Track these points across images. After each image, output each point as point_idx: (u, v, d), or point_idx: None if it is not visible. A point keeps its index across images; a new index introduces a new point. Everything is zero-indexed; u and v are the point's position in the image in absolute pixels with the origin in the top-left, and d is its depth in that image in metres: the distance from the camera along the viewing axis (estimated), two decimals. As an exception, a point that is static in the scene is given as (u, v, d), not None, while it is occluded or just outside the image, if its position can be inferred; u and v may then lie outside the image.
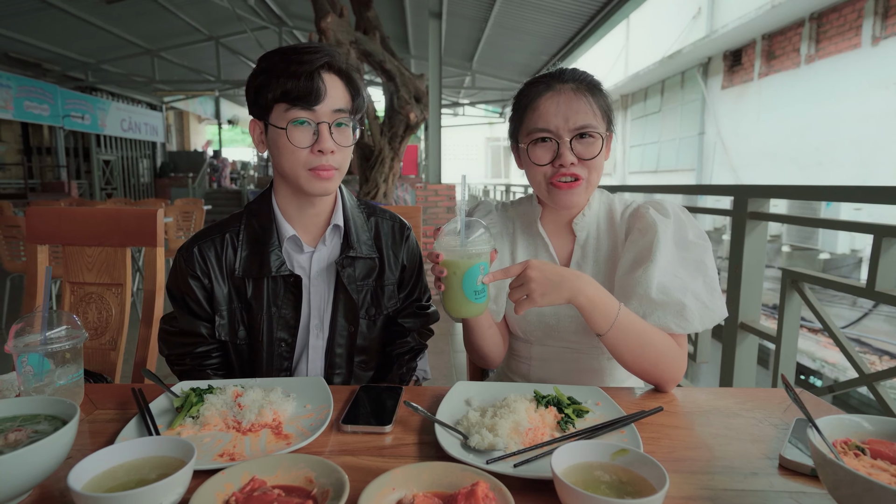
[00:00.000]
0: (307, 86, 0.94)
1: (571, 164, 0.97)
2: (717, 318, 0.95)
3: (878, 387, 1.70)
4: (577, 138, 0.97)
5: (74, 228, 1.39)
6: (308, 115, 0.95)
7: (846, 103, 8.73)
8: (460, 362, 3.67)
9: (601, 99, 1.00)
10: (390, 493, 0.60)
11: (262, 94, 0.96)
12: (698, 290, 0.94)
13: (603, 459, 0.63)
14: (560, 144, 0.97)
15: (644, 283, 0.94)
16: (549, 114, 0.97)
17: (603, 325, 0.88)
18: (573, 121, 0.96)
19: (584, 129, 0.96)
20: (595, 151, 0.97)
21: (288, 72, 0.94)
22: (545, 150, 0.99)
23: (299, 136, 0.96)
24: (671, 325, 0.93)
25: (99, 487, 0.58)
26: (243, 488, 0.60)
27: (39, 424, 0.67)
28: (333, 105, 0.97)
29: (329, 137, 0.97)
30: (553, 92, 0.98)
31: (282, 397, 0.84)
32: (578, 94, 0.97)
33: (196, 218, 6.03)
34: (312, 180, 0.98)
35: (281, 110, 0.96)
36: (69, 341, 0.85)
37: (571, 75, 1.00)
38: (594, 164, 0.98)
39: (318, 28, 5.28)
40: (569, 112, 0.96)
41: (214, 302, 1.05)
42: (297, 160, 0.97)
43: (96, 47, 10.34)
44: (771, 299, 6.52)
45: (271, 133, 0.98)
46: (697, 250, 0.98)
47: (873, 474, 0.57)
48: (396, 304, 1.16)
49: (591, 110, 0.97)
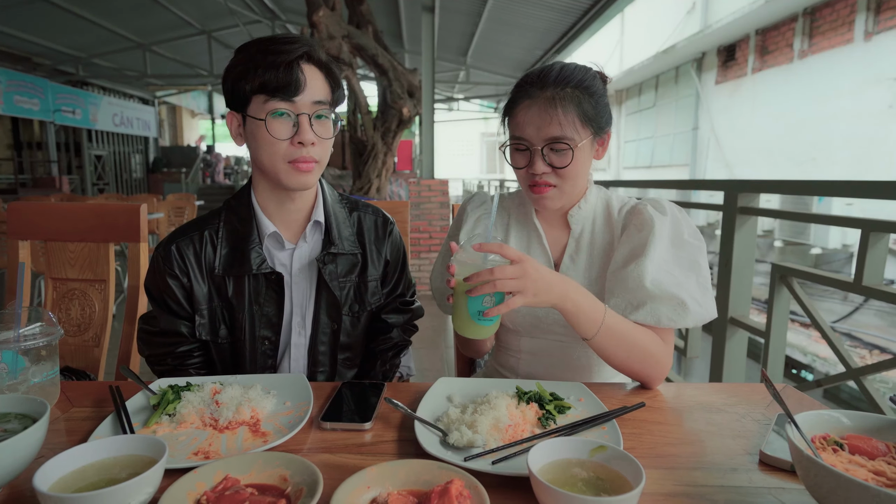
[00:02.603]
0: (286, 76, 0.92)
1: (543, 173, 0.97)
2: (706, 318, 0.95)
3: (865, 381, 1.71)
4: (549, 148, 0.96)
5: (57, 224, 1.37)
6: (288, 107, 0.94)
7: (839, 99, 8.76)
8: (451, 358, 3.67)
9: (587, 102, 0.96)
10: (365, 492, 0.59)
11: (239, 86, 0.95)
12: (691, 288, 0.94)
13: (581, 456, 0.62)
14: (533, 153, 0.98)
15: (636, 277, 0.93)
16: (522, 123, 0.98)
17: (589, 329, 0.88)
18: (544, 132, 0.95)
19: (553, 142, 0.96)
20: (566, 162, 0.96)
21: (266, 62, 0.92)
22: (521, 157, 1.00)
23: (279, 127, 0.94)
24: (662, 318, 0.92)
25: (68, 487, 0.57)
26: (215, 487, 0.59)
27: (9, 423, 0.66)
28: (313, 97, 0.96)
29: (309, 129, 0.95)
30: (529, 100, 0.97)
31: (261, 394, 0.83)
32: (554, 104, 0.95)
33: (188, 214, 5.99)
34: (292, 173, 0.97)
35: (259, 102, 0.94)
36: (44, 338, 0.83)
37: (555, 79, 0.97)
38: (566, 172, 0.97)
39: (310, 22, 5.25)
40: (540, 123, 0.95)
41: (194, 301, 1.03)
42: (277, 152, 0.95)
43: (87, 41, 10.23)
44: (763, 294, 6.55)
45: (249, 125, 0.96)
46: (692, 250, 0.97)
47: (851, 470, 0.57)
48: (380, 299, 1.14)
49: (565, 120, 0.94)
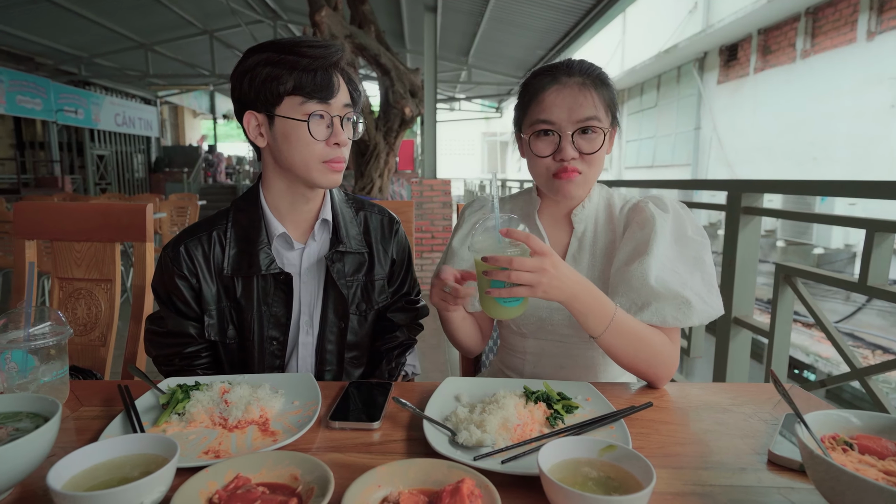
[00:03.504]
0: (325, 79, 0.96)
1: (572, 158, 0.97)
2: (713, 315, 0.94)
3: (870, 381, 1.71)
4: (579, 133, 0.97)
5: (63, 223, 1.37)
6: (324, 109, 0.97)
7: (841, 98, 8.74)
8: (454, 357, 3.67)
9: (607, 93, 0.99)
10: (376, 491, 0.59)
11: (270, 87, 0.95)
12: (696, 286, 0.93)
13: (591, 456, 0.63)
14: (562, 138, 0.97)
15: (640, 276, 0.93)
16: (553, 106, 0.97)
17: (597, 328, 0.87)
18: (577, 114, 0.96)
19: (587, 124, 0.96)
20: (596, 146, 0.97)
21: (302, 65, 0.95)
22: (547, 143, 0.99)
23: (320, 128, 0.97)
24: (668, 317, 0.92)
25: (80, 486, 0.57)
26: (227, 486, 0.59)
27: (21, 422, 0.66)
28: (344, 100, 1.00)
29: (342, 131, 0.99)
30: (559, 85, 0.97)
31: (269, 394, 0.84)
32: (584, 89, 0.97)
33: (191, 213, 6.00)
34: (326, 172, 1.00)
35: (295, 103, 0.96)
36: (53, 338, 0.84)
37: (579, 68, 0.99)
38: (594, 158, 0.98)
39: (312, 22, 5.24)
40: (573, 105, 0.96)
41: (203, 301, 1.04)
42: (313, 153, 0.98)
43: (89, 41, 10.24)
44: (765, 294, 6.54)
45: (281, 126, 0.97)
46: (695, 246, 0.97)
47: (861, 470, 0.57)
48: (386, 298, 1.15)
49: (595, 104, 0.96)
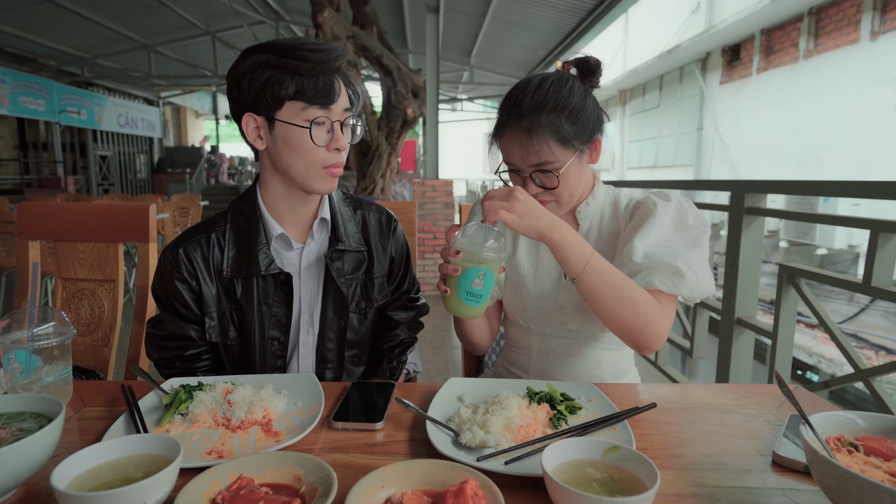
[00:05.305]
0: (326, 85, 0.94)
1: (536, 193, 0.99)
2: (704, 290, 0.94)
3: (874, 382, 1.71)
4: (538, 172, 0.98)
5: (66, 224, 1.38)
6: (325, 114, 0.96)
7: (845, 99, 8.71)
8: (457, 358, 3.67)
9: (565, 124, 0.94)
10: (379, 491, 0.59)
11: (270, 90, 0.93)
12: (690, 260, 0.94)
13: (594, 457, 0.62)
14: (524, 178, 1.00)
15: (628, 252, 0.96)
16: (508, 151, 1.00)
17: (576, 265, 0.88)
18: (527, 160, 0.97)
19: (539, 168, 0.97)
20: (554, 184, 0.98)
21: (304, 69, 0.92)
22: (515, 178, 1.03)
23: (321, 134, 0.97)
24: (655, 281, 0.93)
25: (83, 486, 0.57)
26: (230, 486, 0.59)
27: (25, 422, 0.67)
28: (344, 104, 0.99)
29: (342, 136, 0.99)
30: (510, 130, 0.98)
31: (272, 394, 0.84)
32: (531, 134, 0.94)
33: (193, 214, 6.00)
34: (325, 178, 1.00)
35: (296, 108, 0.94)
36: (57, 338, 0.84)
37: (529, 105, 0.95)
38: (557, 192, 0.99)
39: (314, 22, 5.25)
40: (523, 153, 0.97)
41: (203, 303, 1.04)
42: (314, 158, 0.97)
43: (92, 42, 10.26)
44: (769, 295, 6.52)
45: (282, 130, 0.96)
46: (695, 231, 0.98)
47: (866, 471, 0.56)
48: (386, 296, 1.15)
49: (542, 149, 0.95)
